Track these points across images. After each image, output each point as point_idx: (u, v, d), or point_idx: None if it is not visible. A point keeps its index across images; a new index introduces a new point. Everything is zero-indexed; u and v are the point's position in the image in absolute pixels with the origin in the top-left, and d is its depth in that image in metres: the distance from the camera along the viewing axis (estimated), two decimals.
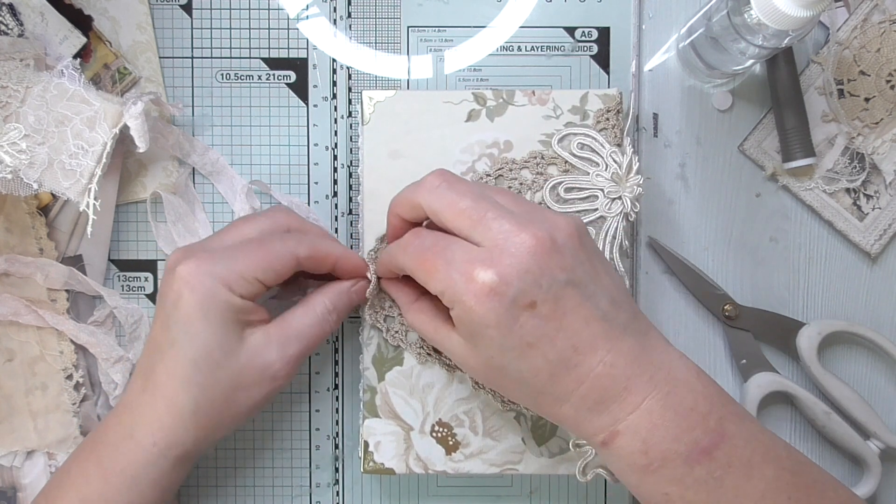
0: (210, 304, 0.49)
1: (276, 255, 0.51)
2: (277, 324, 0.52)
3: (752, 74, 0.60)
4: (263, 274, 0.50)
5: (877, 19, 0.59)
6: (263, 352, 0.51)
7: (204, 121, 0.60)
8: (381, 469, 0.56)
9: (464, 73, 0.60)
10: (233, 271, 0.49)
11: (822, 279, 0.60)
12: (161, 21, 0.60)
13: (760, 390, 0.59)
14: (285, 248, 0.51)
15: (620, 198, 0.55)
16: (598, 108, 0.55)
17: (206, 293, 0.49)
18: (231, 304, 0.49)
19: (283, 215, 0.54)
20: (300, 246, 0.52)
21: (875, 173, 0.60)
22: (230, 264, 0.50)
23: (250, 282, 0.50)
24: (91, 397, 0.60)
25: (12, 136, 0.53)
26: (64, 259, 0.59)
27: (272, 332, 0.51)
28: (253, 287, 0.50)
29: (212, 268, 0.49)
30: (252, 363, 0.51)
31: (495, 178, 0.55)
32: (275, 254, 0.51)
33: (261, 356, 0.51)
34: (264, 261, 0.50)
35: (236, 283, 0.49)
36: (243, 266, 0.50)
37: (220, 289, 0.49)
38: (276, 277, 0.51)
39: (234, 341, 0.50)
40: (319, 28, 0.60)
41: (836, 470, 0.61)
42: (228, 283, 0.49)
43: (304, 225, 0.55)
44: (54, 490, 0.52)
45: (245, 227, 0.53)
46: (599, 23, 0.60)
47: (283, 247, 0.51)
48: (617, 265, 0.55)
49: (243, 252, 0.50)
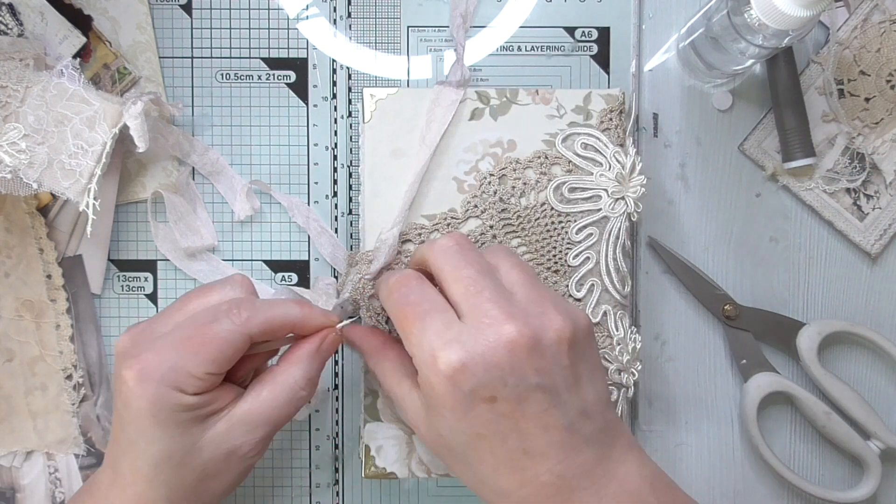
0: (160, 409, 0.45)
1: (225, 341, 0.46)
2: (242, 407, 0.48)
3: (752, 74, 0.60)
4: (213, 366, 0.46)
5: (877, 19, 0.59)
6: (228, 439, 0.48)
7: (204, 121, 0.60)
8: (383, 474, 0.55)
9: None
10: (180, 371, 0.45)
11: (822, 279, 0.60)
12: (161, 21, 0.60)
13: (760, 390, 0.59)
14: (234, 329, 0.47)
15: (624, 198, 0.55)
16: (602, 108, 0.55)
17: (155, 400, 0.45)
18: (183, 404, 0.46)
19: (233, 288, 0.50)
20: (251, 323, 0.47)
21: (875, 173, 0.60)
22: (176, 362, 0.45)
23: (201, 378, 0.46)
24: (90, 397, 0.60)
25: (12, 136, 0.53)
26: (64, 259, 0.59)
27: (236, 418, 0.48)
28: (204, 382, 0.46)
29: (157, 371, 0.45)
30: (217, 453, 0.47)
31: (499, 177, 0.55)
32: (223, 339, 0.46)
33: (226, 443, 0.48)
34: (213, 350, 0.46)
35: (185, 382, 0.46)
36: (191, 363, 0.45)
37: (169, 392, 0.45)
38: (228, 364, 0.47)
39: (193, 438, 0.47)
40: (319, 28, 0.60)
41: (836, 470, 0.61)
42: (177, 384, 0.45)
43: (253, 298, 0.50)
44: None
45: (192, 304, 0.49)
46: (599, 23, 0.60)
47: (231, 329, 0.47)
48: (620, 265, 0.55)
49: (189, 344, 0.46)
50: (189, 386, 0.46)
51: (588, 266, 0.55)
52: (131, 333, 0.48)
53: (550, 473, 0.44)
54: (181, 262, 0.59)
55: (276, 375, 0.49)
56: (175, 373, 0.45)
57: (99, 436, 0.60)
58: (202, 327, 0.47)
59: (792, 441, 0.61)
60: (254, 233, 0.60)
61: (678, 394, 0.61)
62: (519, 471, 0.44)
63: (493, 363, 0.43)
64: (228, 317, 0.47)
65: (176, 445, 0.46)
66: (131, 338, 0.48)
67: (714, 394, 0.61)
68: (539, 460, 0.44)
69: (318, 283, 0.58)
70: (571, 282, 0.55)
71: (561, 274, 0.55)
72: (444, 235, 0.48)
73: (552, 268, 0.55)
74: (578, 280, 0.55)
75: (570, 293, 0.55)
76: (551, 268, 0.55)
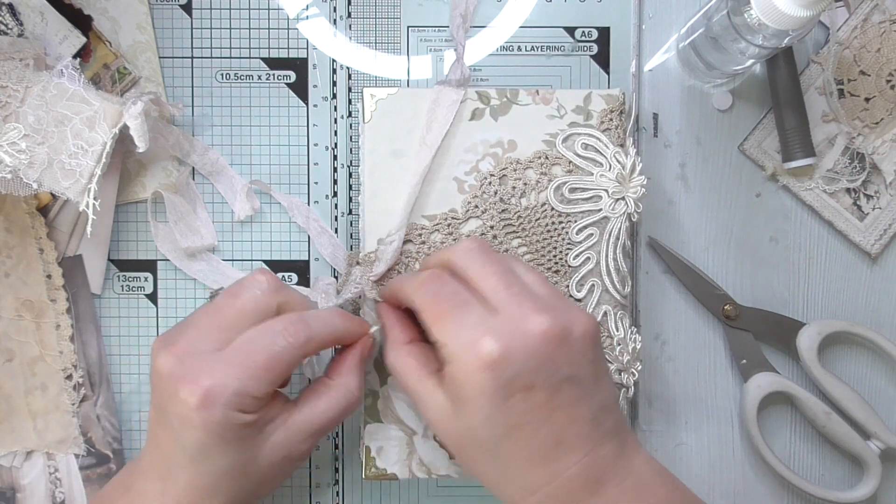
0: (225, 429, 0.46)
1: (285, 363, 0.48)
2: (300, 417, 0.50)
3: (752, 74, 0.60)
4: (273, 386, 0.48)
5: (877, 19, 0.59)
6: (286, 446, 0.49)
7: (204, 121, 0.60)
8: (384, 475, 0.55)
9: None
10: (244, 396, 0.46)
11: (822, 279, 0.60)
12: (161, 21, 0.60)
13: (760, 390, 0.59)
14: (293, 351, 0.48)
15: (624, 198, 0.55)
16: (602, 109, 0.55)
17: (220, 423, 0.46)
18: (245, 423, 0.47)
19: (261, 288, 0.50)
20: (308, 345, 0.48)
21: (875, 173, 0.60)
22: (239, 387, 0.46)
23: (261, 399, 0.47)
24: (90, 397, 0.60)
25: (12, 136, 0.53)
26: (64, 259, 0.59)
27: (295, 427, 0.49)
28: (264, 401, 0.48)
29: (221, 397, 0.46)
30: (274, 460, 0.49)
31: (499, 177, 0.55)
32: (284, 362, 0.48)
33: (283, 451, 0.49)
34: (274, 374, 0.47)
35: (249, 405, 0.47)
36: (253, 387, 0.46)
37: (233, 415, 0.46)
38: (285, 381, 0.49)
39: (255, 450, 0.48)
40: (319, 28, 0.60)
41: (836, 470, 0.61)
42: (241, 407, 0.46)
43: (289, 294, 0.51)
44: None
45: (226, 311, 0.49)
46: (599, 23, 0.60)
47: (290, 351, 0.48)
48: (620, 265, 0.55)
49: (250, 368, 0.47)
50: (251, 406, 0.47)
51: (588, 266, 0.55)
52: (173, 353, 0.47)
53: (578, 465, 0.45)
54: (181, 262, 0.59)
55: (333, 388, 0.51)
56: (239, 397, 0.46)
57: (99, 436, 0.60)
58: (262, 350, 0.47)
59: (792, 441, 0.61)
60: (254, 233, 0.60)
61: (678, 394, 0.61)
62: (550, 462, 0.45)
63: (530, 352, 0.44)
64: (286, 338, 0.48)
65: (239, 459, 0.48)
66: (176, 358, 0.47)
67: (714, 394, 0.61)
68: (569, 452, 0.45)
69: (318, 283, 0.58)
70: (572, 282, 0.55)
71: (561, 274, 0.55)
72: (465, 239, 0.49)
73: (552, 268, 0.55)
74: (579, 280, 0.55)
75: (571, 293, 0.55)
76: (552, 268, 0.55)
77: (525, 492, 0.46)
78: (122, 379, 0.60)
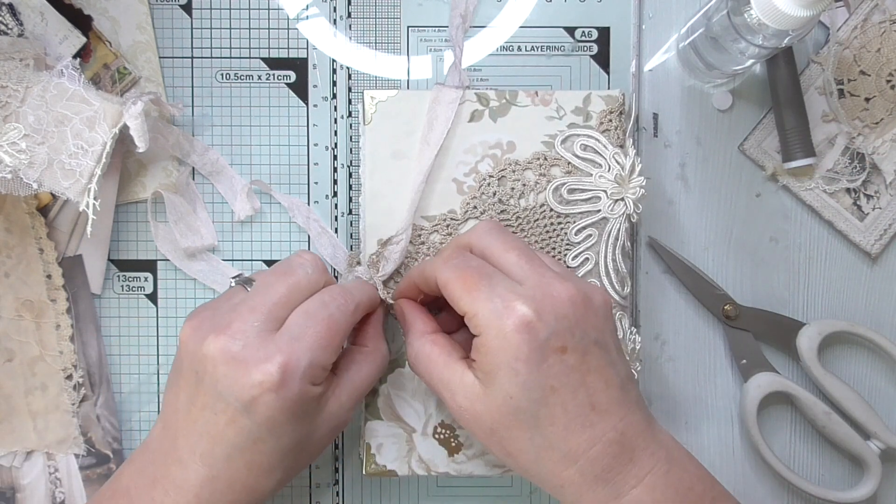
0: (300, 404, 0.47)
1: (343, 331, 0.49)
2: (348, 385, 0.51)
3: (752, 74, 0.60)
4: (336, 354, 0.49)
5: (877, 19, 0.59)
6: (339, 415, 0.50)
7: (204, 121, 0.60)
8: (384, 471, 0.56)
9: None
10: (316, 366, 0.47)
11: (822, 279, 0.60)
12: (161, 21, 0.60)
13: (760, 390, 0.59)
14: (348, 320, 0.50)
15: (623, 199, 0.55)
16: (601, 110, 0.55)
17: (297, 397, 0.47)
18: (315, 395, 0.48)
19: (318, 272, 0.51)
20: (357, 312, 0.51)
21: (875, 173, 0.60)
22: (312, 358, 0.47)
23: (328, 368, 0.49)
24: (90, 397, 0.60)
25: (12, 136, 0.53)
26: (64, 259, 0.59)
27: (345, 396, 0.50)
28: (328, 371, 0.49)
29: (297, 370, 0.46)
30: (329, 430, 0.50)
31: (498, 178, 0.55)
32: (343, 330, 0.49)
33: (336, 420, 0.50)
34: (338, 342, 0.49)
35: (318, 376, 0.48)
36: (322, 356, 0.47)
37: (308, 388, 0.47)
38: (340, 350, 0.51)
39: (315, 423, 0.49)
40: (319, 28, 0.60)
41: (836, 470, 0.61)
42: (313, 379, 0.47)
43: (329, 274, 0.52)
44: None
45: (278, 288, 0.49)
46: (599, 23, 0.60)
47: (344, 318, 0.49)
48: (619, 266, 0.55)
49: (318, 338, 0.48)
50: (319, 378, 0.48)
51: (587, 267, 0.55)
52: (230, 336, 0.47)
53: (615, 430, 0.45)
54: (181, 262, 0.59)
55: (370, 353, 0.53)
56: (312, 368, 0.47)
57: (99, 436, 0.60)
58: (323, 321, 0.48)
59: (792, 441, 0.61)
60: (254, 233, 0.60)
61: (678, 394, 0.61)
62: (588, 427, 0.45)
63: (560, 315, 0.45)
64: (338, 308, 0.49)
65: (303, 432, 0.48)
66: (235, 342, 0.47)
67: (714, 394, 0.61)
68: (605, 416, 0.45)
69: None
70: None
71: None
72: (481, 222, 0.51)
73: None
74: None
75: None
76: None
77: (566, 461, 0.46)
78: (122, 379, 0.60)
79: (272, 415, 0.46)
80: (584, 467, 0.45)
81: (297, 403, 0.47)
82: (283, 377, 0.46)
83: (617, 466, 0.45)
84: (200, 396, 0.47)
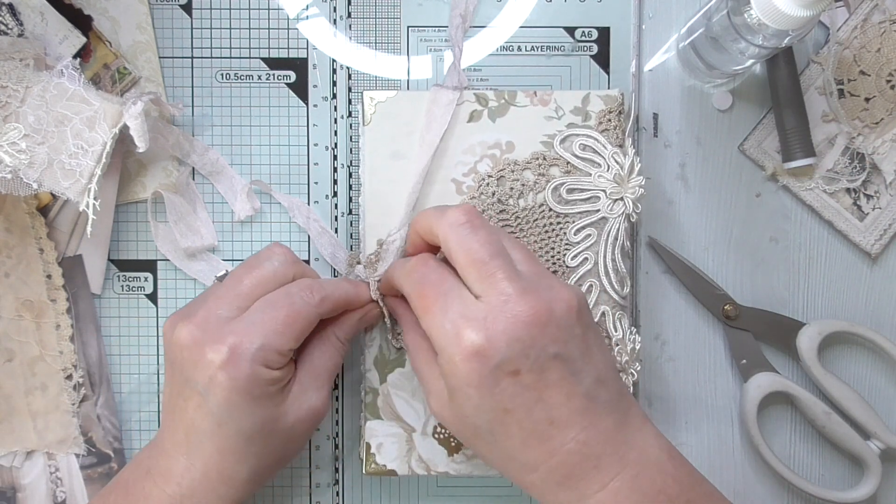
0: (253, 385, 0.48)
1: (304, 320, 0.50)
2: (305, 369, 0.52)
3: (752, 74, 0.60)
4: (295, 342, 0.49)
5: (877, 19, 0.59)
6: (305, 399, 0.51)
7: (204, 121, 0.60)
8: (384, 471, 0.56)
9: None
10: (268, 350, 0.48)
11: (822, 279, 0.60)
12: (161, 21, 0.60)
13: (760, 390, 0.59)
14: (310, 310, 0.50)
15: (622, 199, 0.55)
16: (600, 109, 0.55)
17: (248, 377, 0.47)
18: (272, 378, 0.48)
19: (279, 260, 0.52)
20: (323, 304, 0.51)
21: (875, 173, 0.60)
22: (264, 342, 0.48)
23: (285, 354, 0.49)
24: (90, 397, 0.60)
25: (12, 136, 0.53)
26: (64, 259, 0.59)
27: (304, 379, 0.51)
28: (286, 357, 0.49)
29: (247, 351, 0.47)
30: (299, 416, 0.50)
31: (497, 178, 0.55)
32: (304, 318, 0.50)
33: (304, 405, 0.51)
34: (296, 329, 0.49)
35: (273, 360, 0.48)
36: (277, 341, 0.48)
37: (260, 369, 0.48)
38: (303, 339, 0.51)
39: (279, 406, 0.50)
40: (319, 28, 0.60)
41: (836, 470, 0.61)
42: (266, 362, 0.48)
43: (303, 267, 0.53)
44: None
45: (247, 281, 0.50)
46: (599, 23, 0.60)
47: (308, 309, 0.50)
48: (619, 266, 0.55)
49: (273, 324, 0.48)
50: (276, 362, 0.48)
51: (586, 267, 0.55)
52: (195, 323, 0.49)
53: (576, 441, 0.45)
54: (181, 262, 0.59)
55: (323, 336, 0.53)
56: (264, 351, 0.48)
57: (99, 435, 0.60)
58: (282, 308, 0.49)
59: (792, 441, 0.61)
60: (254, 233, 0.60)
61: (678, 394, 0.61)
62: (546, 441, 0.45)
63: (514, 338, 0.44)
64: (302, 297, 0.50)
65: (265, 416, 0.49)
66: (198, 327, 0.48)
67: (714, 394, 0.61)
68: (564, 429, 0.45)
69: None
70: (570, 283, 0.55)
71: (559, 275, 0.55)
72: (454, 207, 0.48)
73: (550, 269, 0.55)
74: (577, 281, 0.55)
75: None
76: (549, 269, 0.55)
77: (526, 469, 0.46)
78: (122, 379, 0.60)
79: (227, 395, 0.47)
80: (545, 475, 0.46)
81: (250, 384, 0.47)
82: (232, 356, 0.47)
83: (579, 473, 0.45)
84: (175, 385, 0.50)
